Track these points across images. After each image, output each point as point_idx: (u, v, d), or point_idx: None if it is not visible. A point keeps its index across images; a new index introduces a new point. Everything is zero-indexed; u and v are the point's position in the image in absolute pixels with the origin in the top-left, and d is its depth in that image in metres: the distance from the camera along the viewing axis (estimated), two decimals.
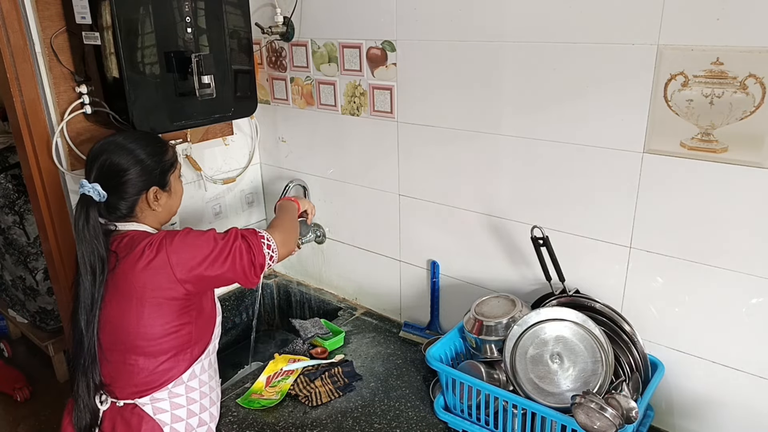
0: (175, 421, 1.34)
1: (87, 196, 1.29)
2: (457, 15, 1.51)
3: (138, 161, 1.34)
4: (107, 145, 1.34)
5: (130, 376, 1.31)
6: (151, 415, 1.32)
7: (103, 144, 1.35)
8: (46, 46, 1.61)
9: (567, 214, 1.47)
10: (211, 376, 1.44)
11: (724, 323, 1.30)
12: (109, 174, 1.31)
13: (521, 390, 1.35)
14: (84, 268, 1.26)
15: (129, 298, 1.27)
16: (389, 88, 1.73)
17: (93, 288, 1.26)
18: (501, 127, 1.52)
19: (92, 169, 1.32)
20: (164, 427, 1.33)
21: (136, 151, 1.34)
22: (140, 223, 1.37)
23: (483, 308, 1.49)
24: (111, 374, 1.32)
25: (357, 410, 1.53)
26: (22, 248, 2.66)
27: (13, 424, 2.60)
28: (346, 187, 1.98)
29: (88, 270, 1.26)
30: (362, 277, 2.06)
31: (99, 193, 1.29)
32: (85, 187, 1.29)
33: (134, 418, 1.31)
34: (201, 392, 1.39)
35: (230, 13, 1.72)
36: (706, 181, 1.24)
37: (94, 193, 1.29)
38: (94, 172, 1.31)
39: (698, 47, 1.17)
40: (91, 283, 1.26)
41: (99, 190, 1.29)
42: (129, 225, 1.36)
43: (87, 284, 1.26)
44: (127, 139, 1.36)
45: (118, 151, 1.33)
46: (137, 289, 1.26)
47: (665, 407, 1.44)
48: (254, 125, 2.16)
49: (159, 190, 1.38)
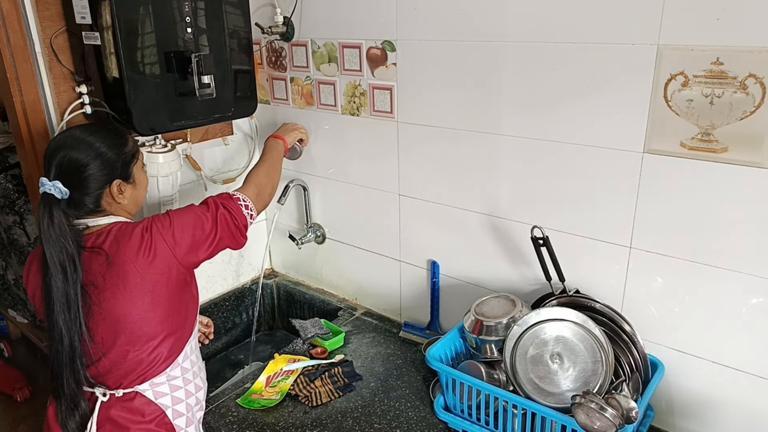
0: (176, 403, 1.35)
1: (49, 195, 1.25)
2: (457, 15, 1.51)
3: (98, 155, 1.30)
4: (64, 140, 1.30)
5: (130, 366, 1.30)
6: (153, 400, 1.32)
7: (60, 139, 1.31)
8: (46, 46, 1.61)
9: (567, 214, 1.47)
10: (198, 356, 1.46)
11: (724, 323, 1.30)
12: (69, 170, 1.28)
13: (521, 390, 1.35)
14: (54, 268, 1.22)
15: (138, 290, 1.26)
16: (389, 88, 1.73)
17: (66, 286, 1.23)
18: (501, 127, 1.52)
19: (51, 166, 1.27)
20: (166, 410, 1.33)
21: (95, 145, 1.31)
22: (114, 216, 1.35)
23: (483, 308, 1.49)
24: (108, 367, 1.30)
25: (357, 410, 1.53)
26: (22, 248, 2.66)
27: (13, 424, 2.60)
28: (346, 187, 1.98)
29: (59, 269, 1.22)
30: (362, 277, 2.06)
31: (60, 191, 1.25)
32: (45, 186, 1.25)
33: (135, 406, 1.31)
34: (193, 372, 1.41)
35: (230, 13, 1.72)
36: (706, 181, 1.24)
37: (55, 191, 1.25)
38: (53, 170, 1.27)
39: (698, 47, 1.17)
40: (63, 281, 1.22)
41: (60, 188, 1.25)
42: (103, 219, 1.33)
43: (59, 284, 1.22)
44: (84, 133, 1.32)
45: (76, 145, 1.29)
46: (148, 281, 1.26)
47: (665, 407, 1.44)
48: (254, 125, 2.16)
49: (122, 183, 1.35)
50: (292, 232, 2.18)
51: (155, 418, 1.32)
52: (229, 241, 1.41)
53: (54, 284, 1.22)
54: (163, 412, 1.33)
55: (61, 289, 1.22)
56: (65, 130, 1.37)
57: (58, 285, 1.22)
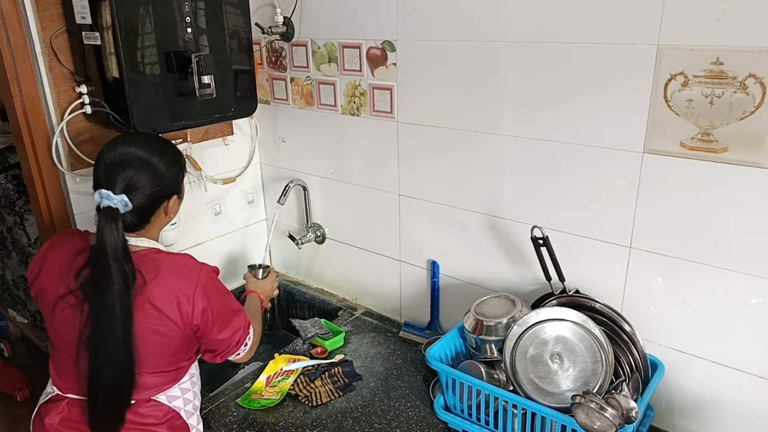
0: (186, 404, 1.37)
1: (113, 209, 1.20)
2: (457, 15, 1.51)
3: (162, 174, 1.29)
4: (128, 157, 1.26)
5: (142, 385, 1.28)
6: (166, 404, 1.32)
7: (124, 154, 1.26)
8: (46, 46, 1.61)
9: (567, 214, 1.47)
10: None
11: (724, 323, 1.30)
12: (134, 187, 1.24)
13: (521, 390, 1.35)
14: (118, 282, 1.17)
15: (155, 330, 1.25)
16: (389, 88, 1.73)
17: (125, 304, 1.19)
18: (501, 127, 1.52)
19: (116, 179, 1.22)
20: (180, 411, 1.34)
21: (159, 166, 1.28)
22: (149, 239, 1.32)
23: (483, 308, 1.49)
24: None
25: (357, 410, 1.53)
26: (23, 248, 2.66)
27: (13, 424, 2.60)
28: (346, 187, 1.98)
29: (122, 283, 1.18)
30: (362, 277, 2.06)
31: (126, 205, 1.22)
32: (112, 200, 1.20)
33: (148, 410, 1.30)
34: (198, 373, 1.43)
35: (230, 13, 1.72)
36: (706, 181, 1.24)
37: (120, 206, 1.21)
38: (119, 183, 1.22)
39: (698, 47, 1.17)
40: (124, 298, 1.18)
41: (127, 202, 1.22)
42: (139, 241, 1.30)
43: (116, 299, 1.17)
44: (145, 149, 1.29)
45: (142, 164, 1.26)
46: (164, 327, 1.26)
47: (665, 407, 1.44)
48: (254, 125, 2.16)
49: (177, 198, 1.35)
50: (292, 232, 2.18)
51: (168, 420, 1.32)
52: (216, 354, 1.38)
53: (112, 298, 1.17)
54: (176, 413, 1.34)
55: (120, 304, 1.18)
56: (122, 140, 1.31)
57: (115, 299, 1.18)
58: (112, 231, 1.19)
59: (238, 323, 1.37)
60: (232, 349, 1.38)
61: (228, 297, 1.37)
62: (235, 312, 1.38)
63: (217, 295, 1.32)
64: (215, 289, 1.32)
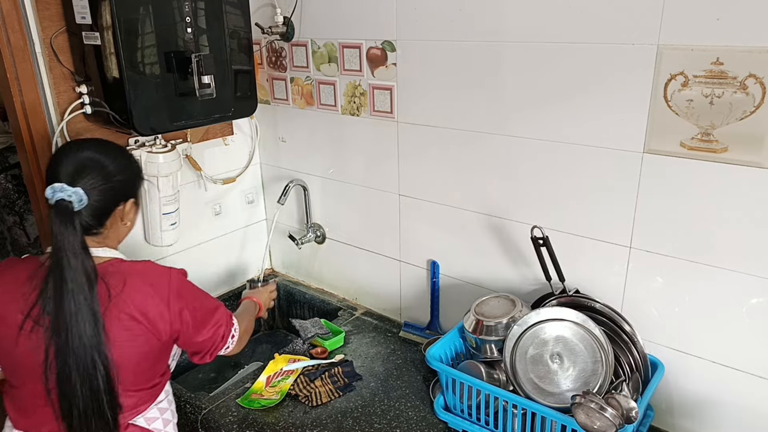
0: (166, 424, 1.31)
1: (67, 206, 1.11)
2: (457, 15, 1.51)
3: (125, 166, 1.24)
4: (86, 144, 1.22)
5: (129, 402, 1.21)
6: (147, 427, 1.26)
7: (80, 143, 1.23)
8: (46, 46, 1.61)
9: (567, 214, 1.47)
10: None
11: (724, 323, 1.30)
12: (91, 178, 1.16)
13: (521, 390, 1.35)
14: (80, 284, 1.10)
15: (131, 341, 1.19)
16: (389, 88, 1.73)
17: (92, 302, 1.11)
18: (501, 127, 1.52)
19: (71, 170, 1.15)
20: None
21: (123, 154, 1.25)
22: (110, 248, 1.25)
23: (483, 308, 1.49)
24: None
25: (357, 410, 1.53)
26: (23, 248, 2.66)
27: None
28: (346, 187, 1.98)
29: (85, 283, 1.10)
30: (362, 277, 2.06)
31: (80, 199, 1.13)
32: (66, 192, 1.11)
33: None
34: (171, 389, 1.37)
35: (230, 13, 1.72)
36: (706, 181, 1.24)
37: (75, 199, 1.12)
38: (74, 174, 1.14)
39: (698, 47, 1.17)
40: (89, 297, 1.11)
41: (81, 195, 1.13)
42: (101, 251, 1.22)
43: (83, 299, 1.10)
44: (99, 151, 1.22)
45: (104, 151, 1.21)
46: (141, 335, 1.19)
47: (665, 407, 1.44)
48: (254, 125, 2.16)
49: (134, 203, 1.28)
50: (292, 232, 2.18)
51: None
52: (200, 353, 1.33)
53: (76, 299, 1.10)
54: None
55: (85, 304, 1.11)
56: (75, 142, 1.28)
57: (80, 300, 1.10)
58: (68, 227, 1.11)
59: (218, 318, 1.32)
60: (218, 345, 1.33)
61: (203, 296, 1.32)
62: (213, 309, 1.32)
63: (192, 296, 1.27)
64: (189, 291, 1.27)
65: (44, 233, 1.79)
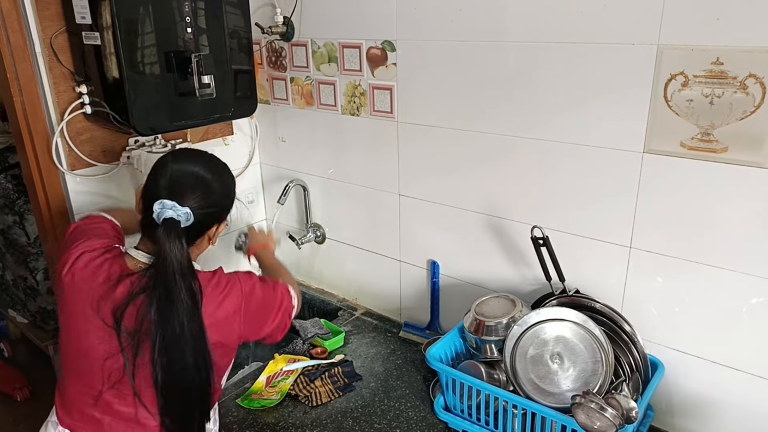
0: (215, 424, 1.38)
1: (174, 223, 1.13)
2: (457, 15, 1.51)
3: (222, 196, 1.25)
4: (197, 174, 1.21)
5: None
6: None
7: (193, 171, 1.21)
8: (46, 46, 1.61)
9: (567, 214, 1.47)
10: None
11: (724, 323, 1.30)
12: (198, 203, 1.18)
13: (521, 390, 1.35)
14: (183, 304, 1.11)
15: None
16: (389, 88, 1.73)
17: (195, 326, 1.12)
18: (500, 127, 1.52)
19: (181, 193, 1.16)
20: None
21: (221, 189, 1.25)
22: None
23: (483, 308, 1.49)
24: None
25: (357, 410, 1.53)
26: (22, 248, 2.66)
27: (13, 424, 2.60)
28: (346, 187, 1.98)
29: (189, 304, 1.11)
30: (362, 277, 2.06)
31: (188, 219, 1.15)
32: (177, 211, 1.13)
33: None
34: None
35: (230, 13, 1.72)
36: (706, 181, 1.24)
37: (183, 218, 1.14)
38: (185, 198, 1.15)
39: (698, 47, 1.17)
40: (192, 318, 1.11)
41: (190, 214, 1.15)
42: None
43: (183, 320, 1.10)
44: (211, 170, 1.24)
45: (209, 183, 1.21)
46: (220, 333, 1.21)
47: (665, 407, 1.44)
48: (254, 125, 2.16)
49: (223, 225, 1.29)
50: (292, 232, 2.18)
51: None
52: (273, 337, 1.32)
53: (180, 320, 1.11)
54: None
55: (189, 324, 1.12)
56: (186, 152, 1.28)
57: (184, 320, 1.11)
58: (177, 245, 1.11)
59: (279, 301, 1.31)
60: (286, 320, 1.32)
61: (270, 292, 1.30)
62: (276, 297, 1.31)
63: (259, 300, 1.27)
64: (255, 297, 1.27)
65: (44, 233, 1.79)
